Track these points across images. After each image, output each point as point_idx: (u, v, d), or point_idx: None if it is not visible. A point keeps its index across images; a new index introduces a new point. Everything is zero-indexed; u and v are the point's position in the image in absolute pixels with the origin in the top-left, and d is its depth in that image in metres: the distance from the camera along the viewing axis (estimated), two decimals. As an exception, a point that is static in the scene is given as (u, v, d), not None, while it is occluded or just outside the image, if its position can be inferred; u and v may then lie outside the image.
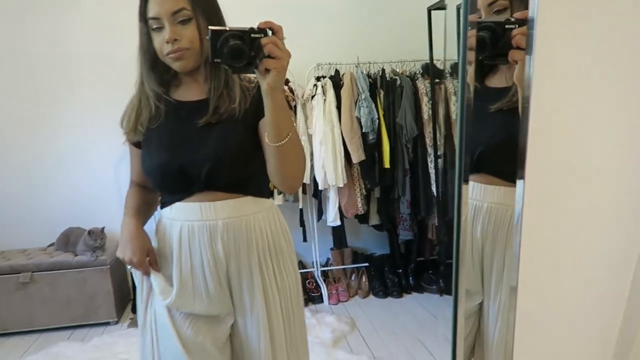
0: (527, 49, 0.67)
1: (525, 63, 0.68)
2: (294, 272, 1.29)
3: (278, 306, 1.22)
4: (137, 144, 1.25)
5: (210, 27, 0.93)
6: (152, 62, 1.16)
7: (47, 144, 3.21)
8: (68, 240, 3.05)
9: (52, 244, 3.15)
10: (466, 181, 0.79)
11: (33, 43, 3.11)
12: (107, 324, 3.00)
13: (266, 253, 1.21)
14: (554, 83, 0.72)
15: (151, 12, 1.09)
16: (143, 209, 1.27)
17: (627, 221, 0.78)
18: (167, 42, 1.09)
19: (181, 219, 1.18)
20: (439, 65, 3.08)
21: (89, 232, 2.95)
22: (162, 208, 1.24)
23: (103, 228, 3.00)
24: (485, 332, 1.05)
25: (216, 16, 1.15)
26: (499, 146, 0.97)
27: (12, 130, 3.16)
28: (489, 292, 1.04)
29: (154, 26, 1.10)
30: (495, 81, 0.98)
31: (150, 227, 1.27)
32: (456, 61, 0.81)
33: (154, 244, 1.25)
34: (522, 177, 0.70)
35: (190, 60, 1.12)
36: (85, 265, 2.91)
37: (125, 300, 3.24)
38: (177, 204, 1.19)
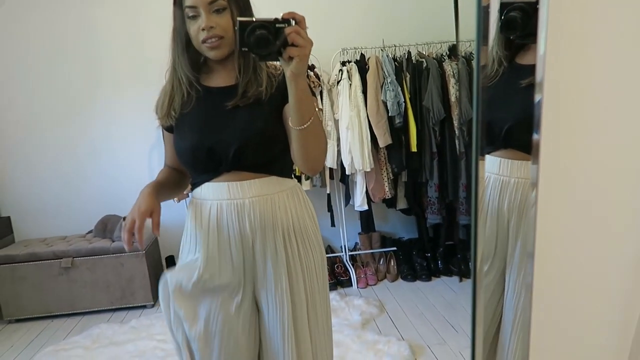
0: (539, 27, 0.67)
1: (538, 42, 0.69)
2: (319, 250, 1.33)
3: (301, 283, 1.27)
4: (169, 129, 1.31)
5: (238, 18, 0.99)
6: (184, 47, 1.22)
7: (81, 134, 3.33)
8: (105, 227, 3.17)
9: (90, 231, 3.29)
10: (482, 157, 0.81)
11: (65, 35, 3.21)
12: (144, 307, 3.12)
13: (290, 230, 1.26)
14: (571, 64, 0.72)
15: (188, 0, 1.16)
16: (166, 185, 1.32)
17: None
18: (203, 30, 1.15)
19: (210, 199, 1.25)
20: (466, 45, 3.04)
21: (125, 219, 3.05)
22: (192, 190, 1.31)
23: (138, 215, 3.10)
24: (505, 309, 1.06)
25: (247, 8, 1.22)
26: (526, 121, 0.98)
27: (48, 122, 3.29)
28: (512, 267, 1.06)
29: (190, 14, 1.17)
30: (527, 58, 0.99)
31: (180, 213, 1.32)
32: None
33: (187, 223, 1.31)
34: (536, 163, 0.71)
35: (225, 49, 1.19)
36: (122, 250, 3.03)
37: (160, 284, 3.36)
38: (207, 184, 1.25)
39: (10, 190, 3.33)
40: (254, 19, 0.99)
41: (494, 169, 1.11)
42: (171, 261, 3.39)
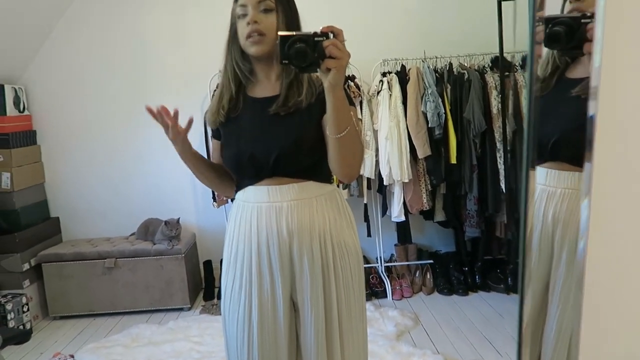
0: (595, 37, 0.67)
1: (592, 52, 0.69)
2: (355, 255, 1.34)
3: (334, 286, 1.28)
4: (216, 135, 1.39)
5: (279, 33, 1.06)
6: (238, 46, 1.29)
7: (127, 140, 3.46)
8: (147, 229, 3.27)
9: (133, 233, 3.40)
10: (533, 168, 0.81)
11: (115, 47, 3.38)
12: (181, 309, 3.19)
13: (327, 234, 1.28)
14: (623, 73, 0.71)
15: (241, 0, 1.23)
16: (203, 159, 1.39)
17: None
18: (248, 24, 1.22)
19: (251, 201, 1.30)
20: (509, 57, 3.00)
21: (166, 223, 3.15)
22: (237, 192, 1.37)
23: (178, 219, 3.19)
24: (549, 321, 1.04)
25: (295, 15, 1.28)
26: (573, 133, 0.98)
27: (98, 128, 3.44)
28: (556, 279, 1.04)
29: (240, 13, 1.24)
30: (576, 72, 1.00)
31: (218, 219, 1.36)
32: (526, 53, 0.83)
33: (229, 224, 1.37)
34: (589, 166, 0.70)
35: (265, 46, 1.24)
36: (162, 253, 3.11)
37: (197, 288, 3.43)
38: (249, 188, 1.31)
39: (60, 193, 3.48)
40: (293, 33, 1.05)
41: (541, 179, 1.11)
42: (209, 266, 3.46)
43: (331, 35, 1.04)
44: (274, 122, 1.26)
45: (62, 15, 3.30)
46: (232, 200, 1.42)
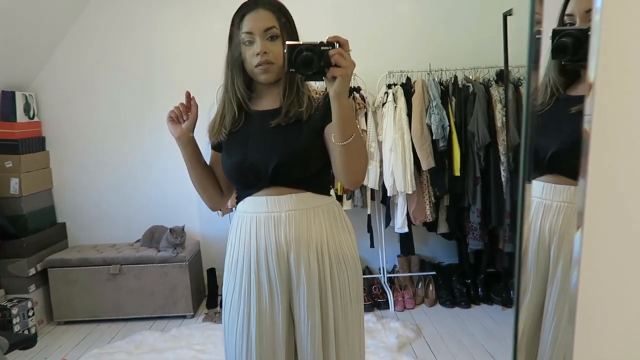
0: (590, 50, 0.70)
1: (587, 67, 0.71)
2: (354, 268, 1.36)
3: (331, 298, 1.30)
4: (217, 148, 1.41)
5: (286, 42, 1.09)
6: (240, 69, 1.32)
7: (133, 147, 3.51)
8: (152, 237, 3.30)
9: (138, 240, 3.42)
10: (529, 182, 0.83)
11: (123, 56, 3.43)
12: (184, 317, 3.21)
13: (324, 246, 1.31)
14: (621, 91, 0.73)
15: (246, 27, 1.26)
16: (202, 160, 1.43)
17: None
18: (257, 54, 1.25)
19: (251, 211, 1.33)
20: (515, 71, 3.02)
21: (171, 230, 3.17)
22: (237, 203, 1.40)
23: (183, 227, 3.22)
24: (544, 333, 1.06)
25: (295, 38, 1.32)
26: (571, 146, 1.00)
27: (106, 136, 3.49)
28: (551, 291, 1.06)
29: (246, 39, 1.27)
30: (578, 90, 1.02)
31: (222, 227, 1.39)
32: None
33: (230, 234, 1.40)
34: (584, 179, 0.72)
35: (274, 74, 1.29)
36: (166, 260, 3.14)
37: (201, 296, 3.45)
38: (248, 199, 1.34)
39: (67, 198, 3.52)
40: (301, 42, 1.08)
41: (537, 193, 1.13)
42: (212, 274, 3.48)
43: (337, 45, 1.07)
44: (274, 132, 1.29)
45: (73, 25, 3.36)
46: (237, 202, 1.44)
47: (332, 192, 1.43)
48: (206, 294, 3.49)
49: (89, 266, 3.13)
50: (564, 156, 1.01)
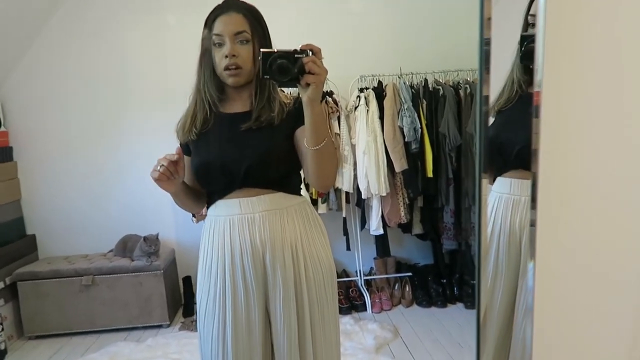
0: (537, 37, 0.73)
1: (534, 68, 0.74)
2: (328, 264, 1.38)
3: (306, 295, 1.32)
4: (187, 152, 1.40)
5: (261, 50, 1.11)
6: (211, 71, 1.33)
7: (106, 155, 3.45)
8: (125, 246, 3.25)
9: (111, 250, 3.36)
10: (484, 178, 0.86)
11: (96, 63, 3.37)
12: (160, 326, 3.16)
13: (298, 244, 1.32)
14: (567, 76, 0.76)
15: (216, 29, 1.27)
16: (187, 188, 1.40)
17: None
18: (226, 57, 1.26)
19: (223, 214, 1.33)
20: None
21: (145, 239, 3.13)
22: (208, 208, 1.39)
23: (157, 235, 3.18)
24: (516, 328, 1.08)
25: (268, 42, 1.33)
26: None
27: (77, 144, 3.42)
28: (521, 288, 1.08)
29: (216, 42, 1.28)
30: None
31: (197, 234, 1.39)
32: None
33: (202, 240, 1.39)
34: (535, 178, 0.75)
35: (242, 77, 1.30)
36: (141, 269, 3.09)
37: (177, 304, 3.40)
38: (220, 202, 1.34)
39: (37, 210, 3.44)
40: (275, 50, 1.11)
41: (506, 189, 1.16)
42: (188, 282, 3.44)
43: (310, 53, 1.10)
44: (246, 135, 1.30)
45: (41, 31, 3.29)
46: (207, 208, 1.43)
47: (302, 192, 1.44)
48: (182, 302, 3.44)
49: (60, 278, 3.05)
50: (529, 152, 1.05)
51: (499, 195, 1.17)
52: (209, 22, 1.30)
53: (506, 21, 0.96)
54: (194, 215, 3.16)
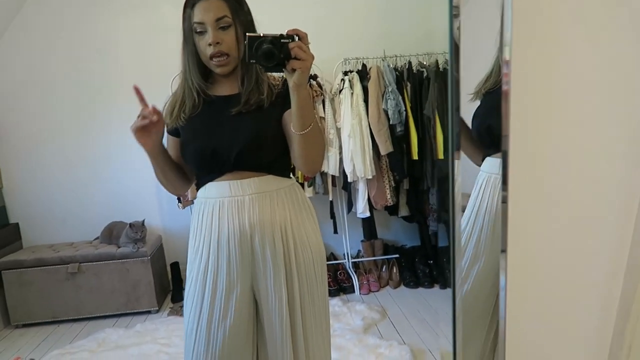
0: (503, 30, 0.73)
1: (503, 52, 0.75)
2: (317, 246, 1.38)
3: (296, 276, 1.33)
4: (174, 133, 1.39)
5: (247, 34, 1.09)
6: (194, 58, 1.31)
7: (88, 143, 3.40)
8: (111, 233, 3.23)
9: (97, 237, 3.34)
10: (458, 158, 0.88)
11: (81, 49, 3.31)
12: (149, 312, 3.16)
13: (287, 226, 1.33)
14: (536, 68, 0.78)
15: (197, 17, 1.25)
16: (169, 160, 1.37)
17: (617, 216, 0.83)
18: (210, 45, 1.24)
19: (213, 197, 1.32)
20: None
21: (131, 225, 3.11)
22: (197, 190, 1.39)
23: (143, 221, 3.16)
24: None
25: (251, 25, 1.31)
26: None
27: (59, 131, 3.37)
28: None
29: (198, 30, 1.26)
30: None
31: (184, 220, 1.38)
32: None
33: (192, 222, 1.38)
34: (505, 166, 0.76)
35: (231, 65, 1.29)
36: (127, 256, 3.07)
37: (165, 290, 3.40)
38: (210, 184, 1.33)
39: (19, 198, 3.39)
40: (261, 34, 1.09)
41: (495, 169, 1.16)
42: (176, 267, 3.44)
43: (297, 38, 1.09)
44: (235, 119, 1.29)
45: (15, 17, 3.21)
46: (197, 189, 1.42)
47: (291, 175, 1.44)
48: (170, 288, 3.44)
49: (45, 266, 3.03)
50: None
51: (488, 175, 1.17)
52: (188, 10, 1.27)
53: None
54: (179, 201, 3.15)
